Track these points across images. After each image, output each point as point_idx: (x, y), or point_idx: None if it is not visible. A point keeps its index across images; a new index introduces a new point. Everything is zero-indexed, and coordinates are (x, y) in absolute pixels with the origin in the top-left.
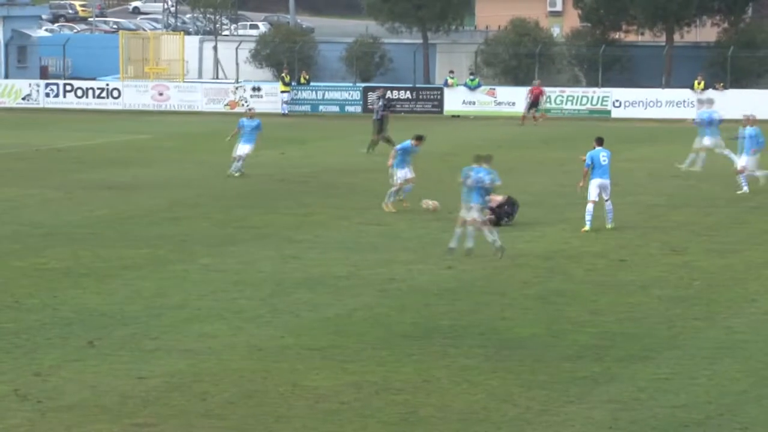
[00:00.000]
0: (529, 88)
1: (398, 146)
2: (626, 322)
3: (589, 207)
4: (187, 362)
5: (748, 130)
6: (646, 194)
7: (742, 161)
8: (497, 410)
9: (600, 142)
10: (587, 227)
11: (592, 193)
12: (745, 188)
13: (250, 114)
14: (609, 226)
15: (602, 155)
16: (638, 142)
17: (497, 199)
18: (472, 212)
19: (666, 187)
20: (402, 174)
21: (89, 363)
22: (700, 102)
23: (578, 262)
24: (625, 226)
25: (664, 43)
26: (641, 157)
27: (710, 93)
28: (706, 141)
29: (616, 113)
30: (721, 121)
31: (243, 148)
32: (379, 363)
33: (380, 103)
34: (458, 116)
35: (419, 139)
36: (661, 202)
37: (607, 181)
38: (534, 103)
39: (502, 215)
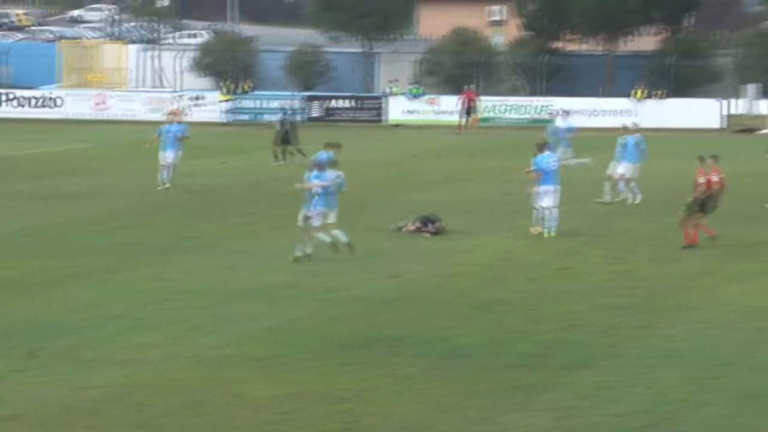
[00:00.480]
0: (460, 95)
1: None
2: (567, 330)
3: (536, 214)
4: (127, 372)
5: (629, 139)
6: (591, 202)
7: (620, 168)
8: (440, 419)
9: (542, 148)
10: (539, 228)
11: (540, 199)
12: (626, 196)
13: (173, 119)
14: (548, 234)
15: (549, 161)
16: (580, 150)
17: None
18: (313, 218)
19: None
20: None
21: (31, 374)
22: (565, 113)
23: (519, 271)
24: (568, 234)
25: (605, 52)
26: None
27: (649, 101)
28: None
29: (558, 123)
30: (574, 131)
31: (166, 156)
32: (320, 372)
33: (280, 116)
34: (399, 125)
35: (332, 146)
36: (605, 211)
37: (552, 188)
38: (468, 110)
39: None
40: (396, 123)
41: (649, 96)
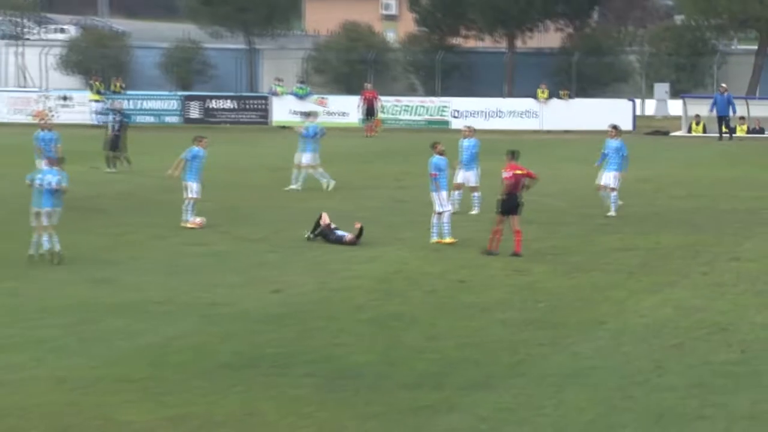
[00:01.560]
0: (360, 95)
1: (185, 154)
2: (467, 347)
3: (434, 219)
4: None
5: (466, 143)
6: (489, 212)
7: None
8: None
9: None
10: (449, 239)
11: (446, 204)
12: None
13: (45, 125)
14: (434, 239)
15: (447, 162)
16: (481, 155)
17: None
18: (42, 218)
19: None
20: (197, 187)
21: None
22: (304, 114)
23: (416, 284)
24: (467, 245)
25: (505, 49)
26: (483, 171)
27: (554, 102)
28: (306, 158)
29: (455, 124)
30: (323, 135)
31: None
32: (200, 395)
33: (112, 118)
34: (286, 127)
35: (199, 139)
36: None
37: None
38: (369, 110)
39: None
40: (282, 125)
41: (552, 96)
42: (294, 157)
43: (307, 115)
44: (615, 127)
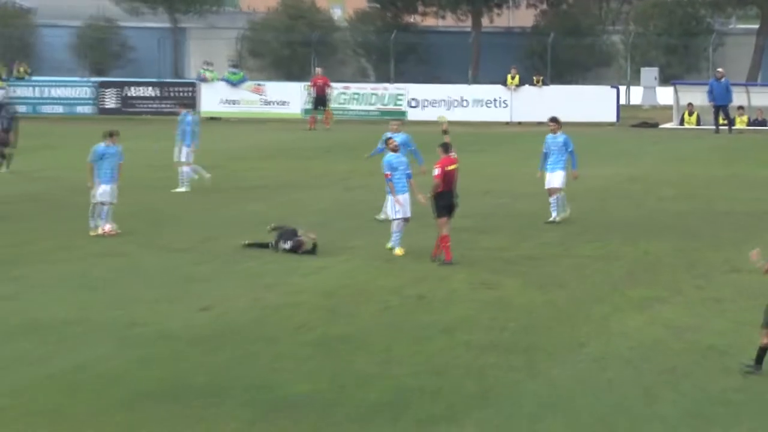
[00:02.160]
0: (308, 81)
1: (90, 156)
2: (426, 374)
3: (394, 224)
4: None
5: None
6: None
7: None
8: None
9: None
10: (399, 249)
11: (400, 210)
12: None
13: None
14: (390, 246)
15: (401, 160)
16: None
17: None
18: None
19: (475, 206)
20: (105, 189)
21: None
22: (182, 105)
23: (368, 300)
24: (424, 255)
25: (470, 29)
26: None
27: (526, 89)
28: (184, 155)
29: (413, 114)
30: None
31: None
32: (118, 429)
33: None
34: (217, 118)
35: (110, 135)
36: (468, 225)
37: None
38: (320, 100)
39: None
40: (213, 116)
41: (523, 82)
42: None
43: (183, 105)
44: (555, 120)
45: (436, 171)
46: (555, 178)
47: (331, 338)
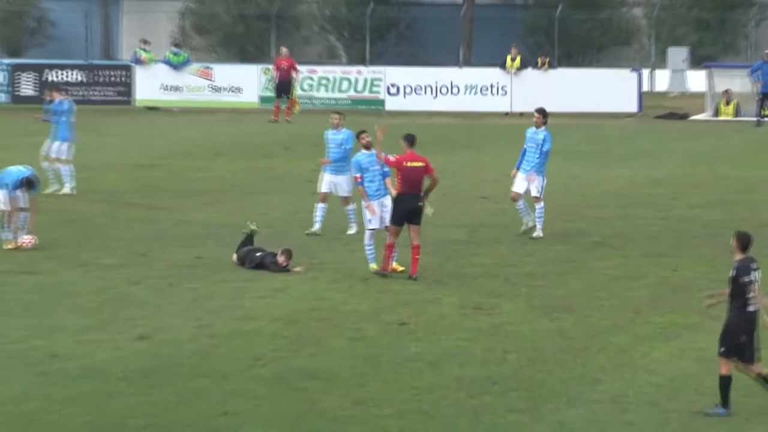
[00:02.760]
0: (266, 63)
1: None
2: (411, 416)
3: (367, 237)
4: None
5: (332, 134)
6: (442, 226)
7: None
8: None
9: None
10: (374, 264)
11: (373, 219)
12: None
13: None
14: (372, 265)
15: (372, 159)
16: (426, 147)
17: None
18: None
19: (469, 214)
20: (9, 196)
21: None
22: (52, 89)
23: (338, 328)
24: (406, 272)
25: (461, 1)
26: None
27: (529, 73)
28: (56, 148)
29: (392, 103)
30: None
31: None
32: None
33: None
34: (156, 108)
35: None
36: (460, 236)
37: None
38: (284, 86)
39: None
40: (150, 105)
41: (526, 64)
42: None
43: (56, 90)
44: (541, 113)
45: (391, 158)
46: (533, 185)
47: (294, 373)
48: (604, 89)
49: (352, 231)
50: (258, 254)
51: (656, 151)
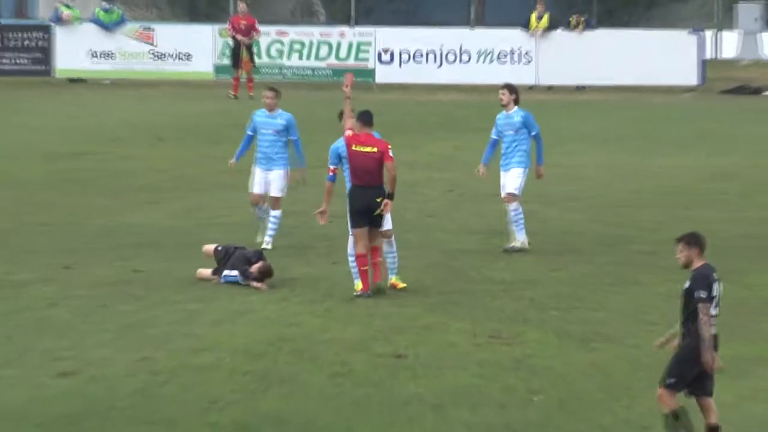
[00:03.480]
0: (224, 24)
1: None
2: None
3: (352, 245)
4: None
5: (260, 117)
6: (448, 231)
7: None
8: None
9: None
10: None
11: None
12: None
13: None
14: (393, 280)
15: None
16: (426, 131)
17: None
18: None
19: (483, 216)
20: None
21: None
22: None
23: (316, 361)
24: (406, 290)
25: None
26: (432, 160)
27: (559, 35)
28: None
29: (384, 74)
30: None
31: None
32: None
33: None
34: (82, 80)
35: None
36: (472, 246)
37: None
38: (239, 51)
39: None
40: (75, 76)
41: (556, 25)
42: None
43: None
44: (509, 88)
45: (348, 133)
46: (510, 179)
47: (260, 420)
48: (655, 56)
49: (267, 246)
50: (236, 249)
51: (722, 135)
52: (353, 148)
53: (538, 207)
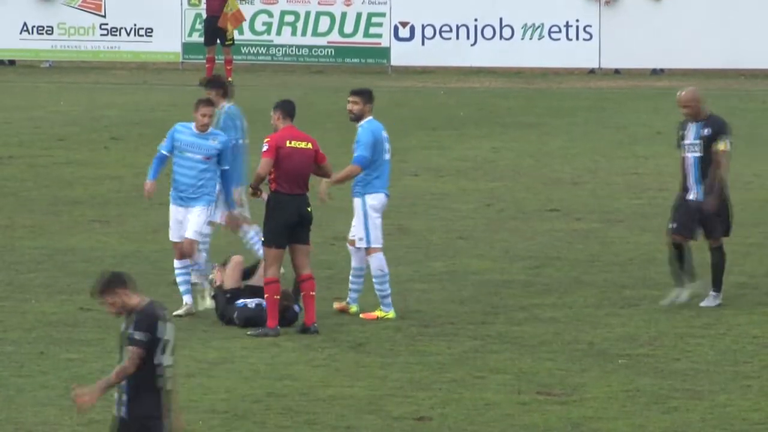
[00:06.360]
0: None
1: None
2: None
3: (380, 259)
4: None
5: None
6: (485, 257)
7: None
8: None
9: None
10: (388, 311)
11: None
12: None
13: None
14: (353, 307)
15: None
16: (456, 128)
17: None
18: None
19: (531, 239)
20: None
21: None
22: None
23: (314, 426)
24: (428, 333)
25: None
26: (464, 165)
27: (631, 3)
28: None
29: (401, 55)
30: None
31: None
32: None
33: None
34: (13, 62)
35: None
36: (515, 275)
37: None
38: (215, 31)
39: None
40: (6, 57)
41: None
42: None
43: None
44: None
45: (265, 147)
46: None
47: None
48: (754, 32)
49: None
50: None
51: None
52: (287, 144)
53: (599, 225)
